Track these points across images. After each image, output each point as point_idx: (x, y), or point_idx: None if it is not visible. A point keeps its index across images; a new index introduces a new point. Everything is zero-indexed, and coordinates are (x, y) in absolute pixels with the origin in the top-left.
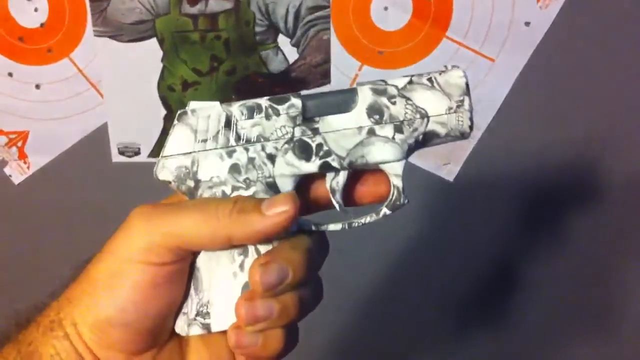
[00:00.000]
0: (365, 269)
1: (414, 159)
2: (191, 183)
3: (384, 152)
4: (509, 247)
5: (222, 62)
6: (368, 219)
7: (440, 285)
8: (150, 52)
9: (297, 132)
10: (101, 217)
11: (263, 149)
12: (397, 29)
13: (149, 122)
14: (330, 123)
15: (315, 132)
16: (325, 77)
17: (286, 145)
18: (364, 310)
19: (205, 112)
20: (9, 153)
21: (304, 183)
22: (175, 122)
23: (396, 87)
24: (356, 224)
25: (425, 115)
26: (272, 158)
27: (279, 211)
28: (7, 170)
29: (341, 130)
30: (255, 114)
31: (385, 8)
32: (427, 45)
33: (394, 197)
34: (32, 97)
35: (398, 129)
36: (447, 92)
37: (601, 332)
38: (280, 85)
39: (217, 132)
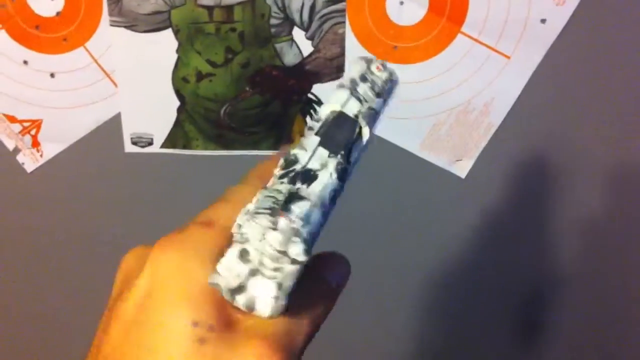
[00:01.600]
0: (370, 265)
1: (426, 154)
2: None
3: None
4: (517, 246)
5: (237, 54)
6: None
7: (445, 284)
8: (165, 43)
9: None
10: (112, 206)
11: None
12: (412, 23)
13: (163, 112)
14: None
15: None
16: (340, 71)
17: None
18: (367, 306)
19: (316, 226)
20: (22, 141)
21: None
22: (304, 257)
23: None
24: None
25: None
26: None
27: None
28: (20, 158)
29: None
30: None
31: (401, 3)
32: (442, 40)
33: None
34: (47, 86)
35: None
36: None
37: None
38: (295, 78)
39: None
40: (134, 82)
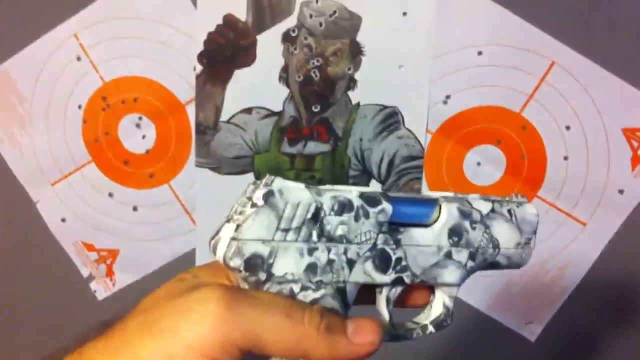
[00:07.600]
0: None
1: (496, 314)
2: (262, 276)
3: (453, 276)
4: None
5: None
6: (415, 335)
7: None
8: (245, 185)
9: (380, 239)
10: None
11: (345, 252)
12: (488, 184)
13: None
14: (413, 236)
15: (398, 243)
16: None
17: (368, 253)
18: None
19: (295, 197)
20: (97, 269)
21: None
22: (262, 202)
23: (480, 213)
24: (403, 339)
25: (497, 247)
26: (351, 264)
27: (366, 342)
28: (92, 285)
29: (422, 247)
30: (345, 211)
31: (479, 163)
32: None
33: (441, 317)
34: (128, 218)
35: (472, 256)
36: (520, 227)
37: None
38: None
39: (302, 223)
40: (212, 220)
